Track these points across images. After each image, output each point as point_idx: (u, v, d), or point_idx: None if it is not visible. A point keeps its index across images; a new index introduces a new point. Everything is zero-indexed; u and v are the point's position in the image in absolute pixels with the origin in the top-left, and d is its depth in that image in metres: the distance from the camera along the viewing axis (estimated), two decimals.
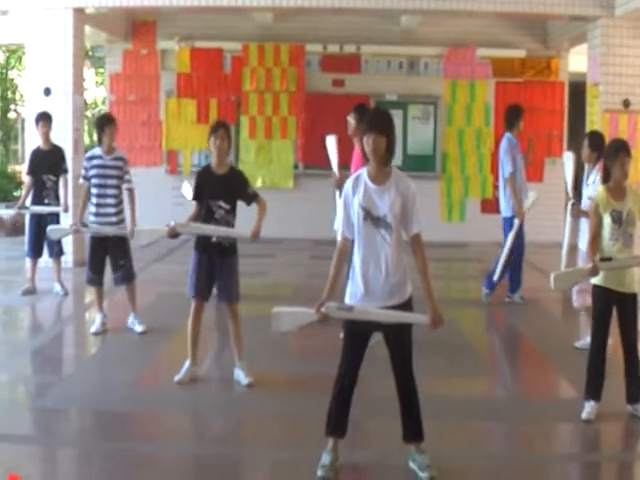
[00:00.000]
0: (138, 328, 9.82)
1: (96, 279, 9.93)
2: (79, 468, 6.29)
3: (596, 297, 7.09)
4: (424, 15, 16.21)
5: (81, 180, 9.91)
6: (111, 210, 9.78)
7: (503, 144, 11.45)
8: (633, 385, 7.04)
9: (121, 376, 8.17)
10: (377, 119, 5.76)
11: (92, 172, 9.74)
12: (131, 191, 9.93)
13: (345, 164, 9.27)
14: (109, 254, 9.85)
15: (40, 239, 11.91)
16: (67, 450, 6.61)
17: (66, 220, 12.10)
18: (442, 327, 5.74)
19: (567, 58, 18.16)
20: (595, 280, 7.02)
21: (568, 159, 9.55)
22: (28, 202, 11.89)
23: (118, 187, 9.81)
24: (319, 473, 5.74)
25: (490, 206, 16.65)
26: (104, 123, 9.86)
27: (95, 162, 9.75)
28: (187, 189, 8.86)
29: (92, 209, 9.82)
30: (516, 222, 11.13)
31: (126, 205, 9.93)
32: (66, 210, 11.84)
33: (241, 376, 7.86)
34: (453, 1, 14.05)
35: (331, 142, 9.51)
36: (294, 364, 8.70)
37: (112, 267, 9.92)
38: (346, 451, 5.92)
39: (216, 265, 7.83)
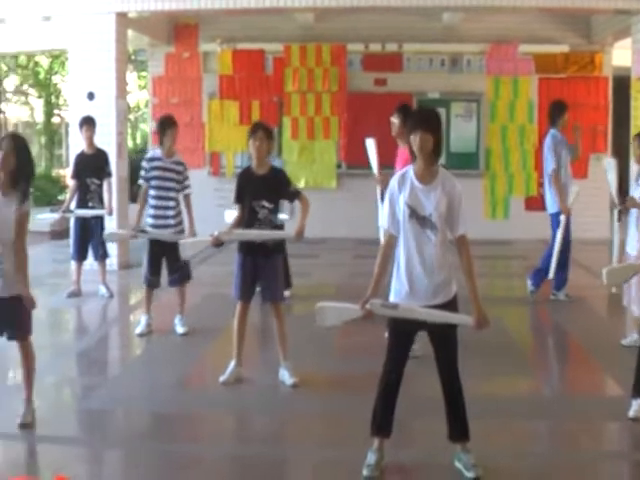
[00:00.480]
0: (180, 330, 9.85)
1: (154, 281, 9.96)
2: (125, 469, 6.32)
3: None
4: (466, 12, 16.14)
5: (140, 180, 9.94)
6: (170, 212, 9.78)
7: (547, 141, 11.37)
8: None
9: (166, 377, 8.21)
10: (424, 117, 5.73)
11: (152, 174, 9.76)
12: (188, 197, 9.96)
13: (387, 165, 9.23)
14: (166, 256, 9.86)
15: (85, 242, 11.99)
16: (113, 451, 6.64)
17: (110, 223, 12.21)
18: (487, 328, 5.70)
19: (611, 52, 17.99)
20: None
21: (610, 166, 9.45)
22: (72, 206, 11.98)
23: (177, 191, 9.83)
24: (365, 473, 5.72)
25: (534, 203, 16.56)
26: (166, 125, 9.80)
27: (155, 164, 9.77)
28: (230, 215, 8.94)
29: (150, 211, 9.83)
30: (562, 218, 11.04)
31: (183, 210, 9.97)
32: (110, 213, 11.92)
33: (286, 376, 7.86)
34: None
35: (370, 144, 9.48)
36: (339, 363, 8.69)
37: (168, 269, 9.94)
38: (391, 450, 5.89)
39: (260, 266, 7.84)
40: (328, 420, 7.13)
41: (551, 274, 11.20)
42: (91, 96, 14.20)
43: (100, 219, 11.89)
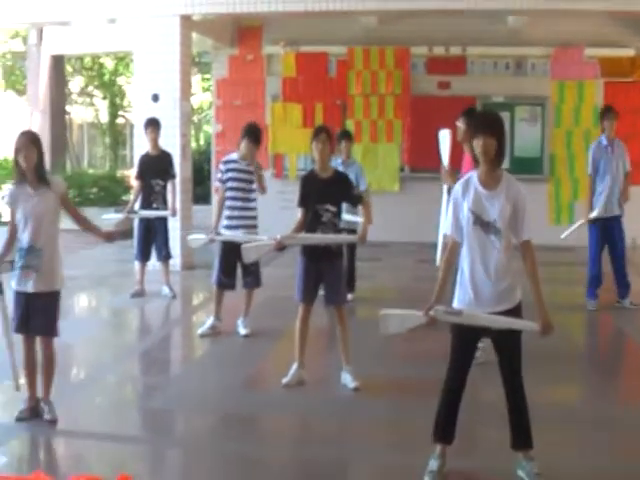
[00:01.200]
0: (242, 331, 9.89)
1: (228, 283, 10.02)
2: (187, 469, 6.34)
3: None
4: (531, 15, 16.01)
5: (217, 183, 10.04)
6: (247, 213, 9.90)
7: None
8: None
9: (229, 378, 8.25)
10: (487, 121, 5.68)
11: (228, 175, 9.85)
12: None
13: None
14: (240, 260, 9.91)
15: (148, 243, 12.10)
16: (175, 451, 6.69)
17: (174, 224, 12.28)
18: (551, 334, 5.63)
19: None
20: None
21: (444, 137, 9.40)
22: (137, 207, 12.08)
23: (249, 191, 9.92)
24: (426, 479, 5.70)
25: None
26: (245, 133, 9.99)
27: (231, 166, 9.87)
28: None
29: (226, 212, 9.90)
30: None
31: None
32: (174, 214, 12.00)
33: (348, 379, 7.84)
34: (561, 1, 13.83)
35: (444, 136, 9.41)
36: (401, 368, 8.64)
37: (243, 271, 9.98)
38: (453, 458, 5.85)
39: (324, 269, 7.84)
40: (390, 425, 7.12)
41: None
42: (156, 98, 14.32)
43: (164, 220, 11.99)
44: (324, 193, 7.74)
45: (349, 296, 11.47)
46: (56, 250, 6.80)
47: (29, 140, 6.67)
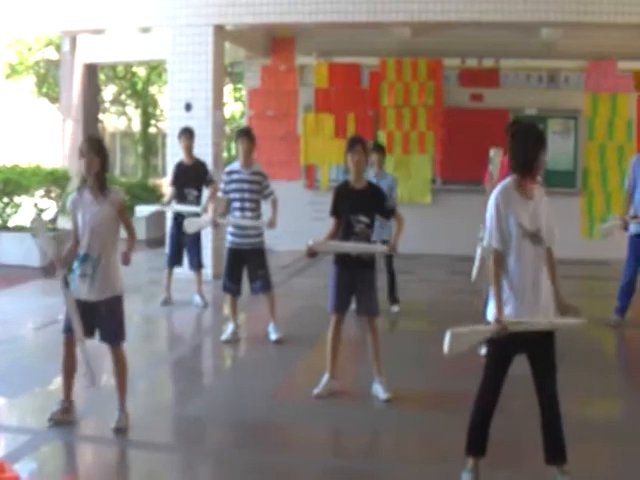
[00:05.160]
0: (273, 336, 9.92)
1: (233, 288, 10.09)
2: (218, 477, 6.35)
3: None
4: (565, 28, 15.95)
5: (220, 194, 10.10)
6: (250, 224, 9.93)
7: None
8: None
9: (260, 387, 8.26)
10: (541, 136, 5.71)
11: (231, 186, 9.90)
12: (274, 201, 10.07)
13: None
14: (247, 265, 10.01)
15: (180, 249, 12.13)
16: (206, 459, 6.67)
17: (207, 236, 12.29)
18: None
19: None
20: None
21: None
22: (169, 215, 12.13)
23: (256, 201, 9.94)
24: None
25: None
26: (237, 136, 10.12)
27: (234, 177, 9.92)
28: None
29: (231, 221, 10.02)
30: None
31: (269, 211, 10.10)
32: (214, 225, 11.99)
33: (380, 391, 7.82)
34: (595, 14, 13.77)
35: (496, 154, 9.31)
36: (433, 380, 8.60)
37: (249, 277, 10.06)
38: (487, 471, 5.82)
39: (356, 280, 7.83)
40: (422, 437, 7.09)
41: None
42: (188, 107, 14.38)
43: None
44: (357, 204, 7.74)
45: (395, 308, 11.50)
46: (114, 259, 6.80)
47: (91, 147, 6.71)
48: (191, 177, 11.99)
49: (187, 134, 12.10)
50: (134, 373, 7.49)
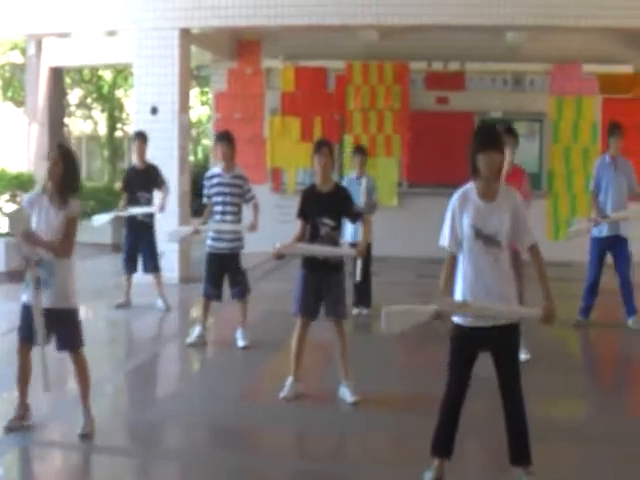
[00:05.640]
0: (241, 343, 9.89)
1: (214, 293, 10.06)
2: None
3: None
4: (530, 31, 16.05)
5: (205, 199, 10.07)
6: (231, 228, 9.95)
7: None
8: None
9: (226, 391, 8.22)
10: (494, 136, 5.71)
11: (213, 190, 9.89)
12: (255, 205, 10.09)
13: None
14: (226, 270, 9.97)
15: (134, 255, 12.11)
16: (169, 464, 6.62)
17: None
18: (553, 323, 5.68)
19: None
20: None
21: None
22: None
23: (237, 205, 9.93)
24: None
25: None
26: (217, 140, 10.14)
27: (214, 181, 9.92)
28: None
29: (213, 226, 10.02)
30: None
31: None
32: (162, 209, 11.95)
33: (347, 394, 7.81)
34: (559, 17, 13.88)
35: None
36: (401, 382, 8.60)
37: (230, 282, 10.04)
38: (451, 473, 5.83)
39: (323, 283, 7.82)
40: (391, 439, 7.08)
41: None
42: (154, 110, 14.33)
43: (150, 232, 11.97)
44: (323, 207, 7.74)
45: (364, 311, 11.50)
46: (68, 268, 6.71)
47: (59, 154, 6.68)
48: (142, 181, 12.00)
49: (141, 138, 12.05)
50: (98, 378, 7.46)
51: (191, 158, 24.60)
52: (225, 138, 9.98)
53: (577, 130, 17.50)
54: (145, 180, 12.02)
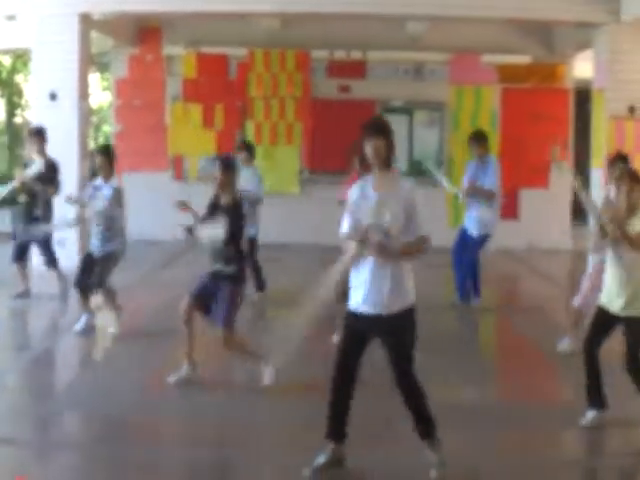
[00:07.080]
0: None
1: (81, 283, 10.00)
2: (81, 472, 6.28)
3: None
4: (430, 21, 16.21)
5: None
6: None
7: None
8: None
9: (122, 380, 8.19)
10: (374, 125, 5.81)
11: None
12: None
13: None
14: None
15: (21, 243, 11.91)
16: (67, 454, 6.57)
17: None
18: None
19: (573, 65, 18.12)
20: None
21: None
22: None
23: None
24: (306, 471, 5.82)
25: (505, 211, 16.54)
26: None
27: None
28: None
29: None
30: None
31: None
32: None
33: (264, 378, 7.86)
34: (459, 8, 14.07)
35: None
36: (297, 369, 8.62)
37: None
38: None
39: (213, 287, 7.88)
40: (285, 426, 7.10)
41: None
42: (53, 96, 14.12)
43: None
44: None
45: (255, 295, 11.53)
46: None
47: None
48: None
49: (35, 135, 11.81)
50: None
51: (92, 144, 24.31)
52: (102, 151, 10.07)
53: (476, 119, 17.72)
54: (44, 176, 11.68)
